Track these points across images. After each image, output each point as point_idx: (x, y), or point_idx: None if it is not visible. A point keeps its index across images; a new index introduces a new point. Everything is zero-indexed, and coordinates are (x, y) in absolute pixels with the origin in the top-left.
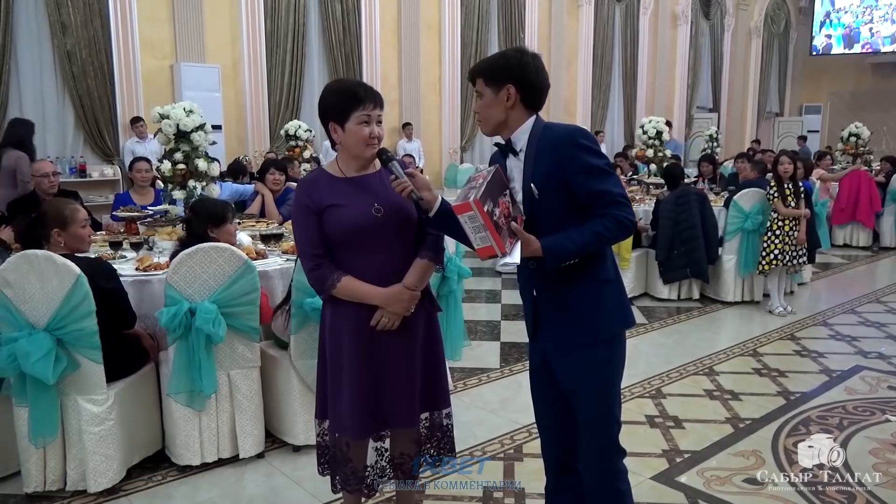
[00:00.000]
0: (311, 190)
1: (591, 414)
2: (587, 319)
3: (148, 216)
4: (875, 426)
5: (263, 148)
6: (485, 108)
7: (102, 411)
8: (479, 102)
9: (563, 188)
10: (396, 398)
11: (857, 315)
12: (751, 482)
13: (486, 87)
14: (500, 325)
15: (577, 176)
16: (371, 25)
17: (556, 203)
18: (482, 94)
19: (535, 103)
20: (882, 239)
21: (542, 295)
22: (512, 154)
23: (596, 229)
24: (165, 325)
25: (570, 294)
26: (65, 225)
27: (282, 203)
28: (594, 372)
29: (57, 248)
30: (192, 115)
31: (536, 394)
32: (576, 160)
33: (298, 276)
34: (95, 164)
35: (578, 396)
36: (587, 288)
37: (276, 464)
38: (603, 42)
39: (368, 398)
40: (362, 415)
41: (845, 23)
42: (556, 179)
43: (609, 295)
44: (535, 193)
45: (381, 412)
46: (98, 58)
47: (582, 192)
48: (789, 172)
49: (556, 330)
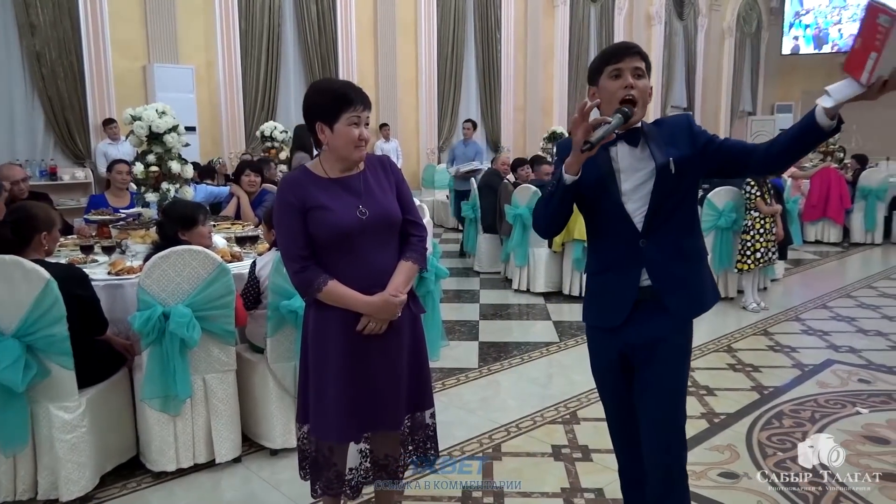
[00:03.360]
0: (295, 188)
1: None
2: (699, 297)
3: (120, 219)
4: (846, 419)
5: (239, 149)
6: (647, 91)
7: (74, 418)
8: (639, 82)
9: (693, 165)
10: (383, 402)
11: (828, 310)
12: (726, 476)
13: (647, 75)
14: (478, 324)
15: (710, 144)
16: (347, 26)
17: (685, 181)
18: (644, 76)
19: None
20: (852, 235)
21: (657, 273)
22: (629, 144)
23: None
24: (138, 330)
25: (689, 270)
26: (51, 228)
27: (258, 205)
28: (684, 356)
29: (39, 252)
30: (164, 116)
31: (612, 396)
32: (702, 133)
33: (275, 278)
34: (66, 166)
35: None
36: (699, 265)
37: (254, 468)
38: (578, 42)
39: (354, 402)
40: (347, 419)
41: (815, 23)
42: (688, 157)
43: (708, 272)
44: (672, 169)
45: (367, 416)
46: (68, 58)
47: (728, 150)
48: None
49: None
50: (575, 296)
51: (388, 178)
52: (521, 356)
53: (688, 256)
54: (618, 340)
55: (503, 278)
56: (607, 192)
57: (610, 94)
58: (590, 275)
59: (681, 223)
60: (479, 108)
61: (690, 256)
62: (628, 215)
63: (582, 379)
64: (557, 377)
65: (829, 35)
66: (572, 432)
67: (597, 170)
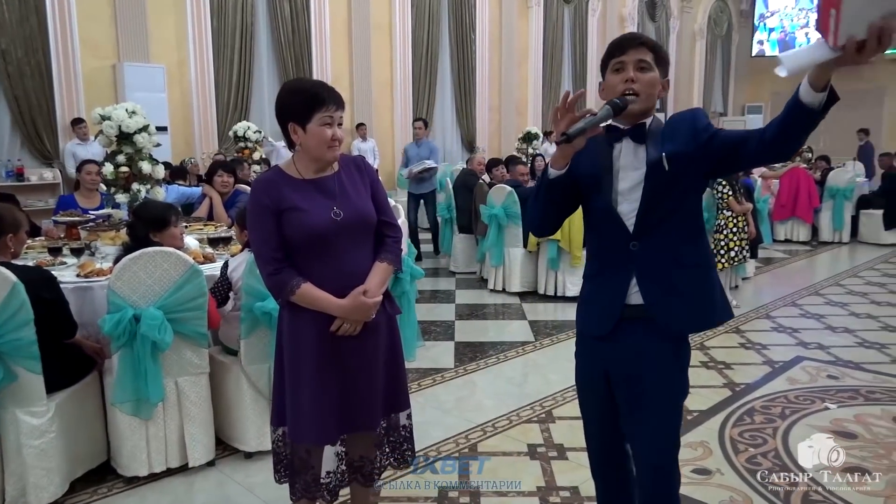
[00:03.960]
0: (269, 189)
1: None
2: (698, 310)
3: (89, 220)
4: (815, 414)
5: (211, 150)
6: (650, 85)
7: (42, 424)
8: (642, 75)
9: (692, 161)
10: (360, 403)
11: (797, 307)
12: (699, 472)
13: (655, 66)
14: (454, 325)
15: (713, 138)
16: (321, 25)
17: (683, 180)
18: (650, 69)
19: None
20: (820, 234)
21: (648, 279)
22: (634, 141)
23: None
24: (109, 333)
25: (688, 280)
26: (17, 229)
27: (231, 206)
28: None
29: (5, 255)
30: (135, 116)
31: (593, 412)
32: (706, 128)
33: (248, 279)
34: (34, 167)
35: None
36: (702, 275)
37: (228, 471)
38: (553, 43)
39: (330, 404)
40: (324, 421)
41: (781, 26)
42: (685, 153)
43: (714, 284)
44: (665, 166)
45: (344, 417)
46: (35, 57)
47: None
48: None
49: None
50: (550, 295)
51: (362, 179)
52: (496, 356)
53: (687, 264)
54: (604, 353)
55: (479, 278)
56: (600, 189)
57: (611, 89)
58: (584, 277)
59: (680, 227)
60: (454, 109)
61: (691, 264)
62: (618, 215)
63: (557, 378)
64: (533, 376)
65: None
66: (548, 431)
67: (595, 166)
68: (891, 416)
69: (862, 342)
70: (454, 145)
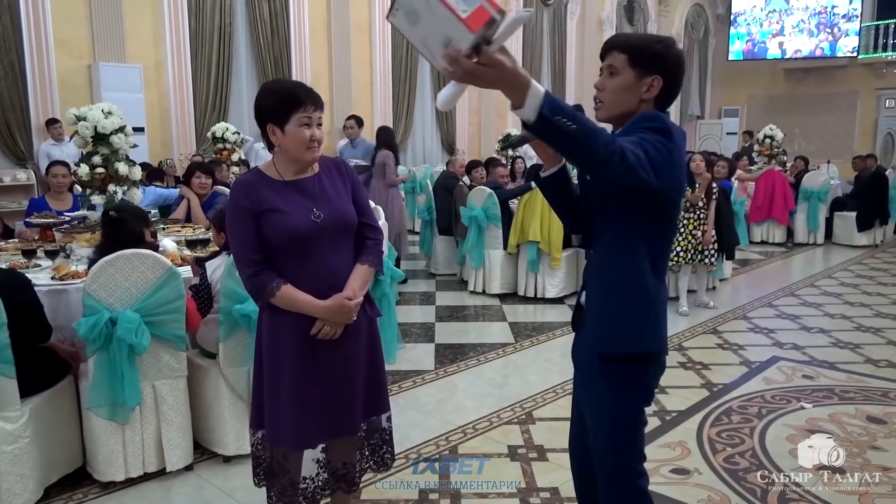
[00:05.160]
0: (248, 191)
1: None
2: (606, 333)
3: (64, 223)
4: (791, 413)
5: (189, 151)
6: (618, 90)
7: (16, 428)
8: (610, 81)
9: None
10: (340, 407)
11: (773, 308)
12: (677, 472)
13: (629, 69)
14: (434, 326)
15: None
16: (300, 26)
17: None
18: (618, 73)
19: (665, 104)
20: (795, 235)
21: (586, 288)
22: None
23: (599, 128)
24: (84, 336)
25: (604, 298)
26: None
27: (209, 207)
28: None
29: None
30: (111, 116)
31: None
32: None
33: (226, 282)
34: (7, 168)
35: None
36: (619, 297)
37: (206, 476)
38: (532, 45)
39: (310, 408)
40: (303, 425)
41: (749, 34)
42: None
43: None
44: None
45: (323, 422)
46: (8, 56)
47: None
48: (700, 169)
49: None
50: (530, 297)
51: (343, 181)
52: (477, 357)
53: (606, 281)
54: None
55: (459, 280)
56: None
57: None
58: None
59: (611, 239)
60: (434, 110)
61: (609, 282)
62: (585, 217)
63: (537, 379)
64: (513, 378)
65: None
66: (528, 432)
67: None
68: (864, 416)
69: (836, 342)
70: (434, 147)
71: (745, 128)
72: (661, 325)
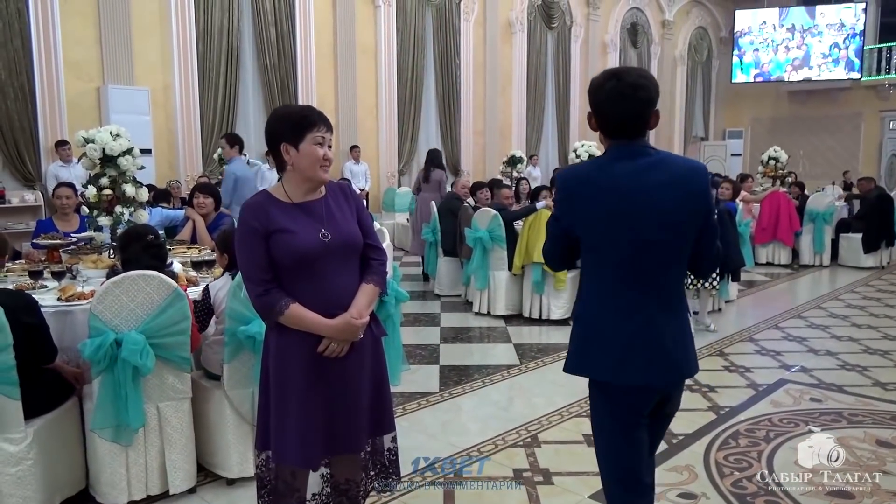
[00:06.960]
0: (258, 212)
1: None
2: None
3: (71, 244)
4: (799, 437)
5: (195, 172)
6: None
7: (20, 451)
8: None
9: None
10: (346, 424)
11: (780, 330)
12: (685, 497)
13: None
14: (439, 348)
15: None
16: (306, 50)
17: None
18: None
19: (612, 134)
20: (801, 257)
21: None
22: None
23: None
24: (89, 358)
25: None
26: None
27: (214, 229)
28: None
29: None
30: (119, 139)
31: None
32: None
33: (231, 303)
34: (15, 189)
35: None
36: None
37: (209, 498)
38: (536, 68)
39: (317, 426)
40: (311, 443)
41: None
42: None
43: (575, 337)
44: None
45: (329, 439)
46: (19, 79)
47: None
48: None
49: None
50: (535, 318)
51: (349, 205)
52: (482, 379)
53: (576, 307)
54: None
55: (464, 301)
56: None
57: None
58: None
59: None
60: (439, 132)
61: (575, 310)
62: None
63: (542, 402)
64: (518, 400)
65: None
66: (533, 455)
67: None
68: (874, 439)
69: (844, 364)
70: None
71: (749, 149)
72: (607, 352)
